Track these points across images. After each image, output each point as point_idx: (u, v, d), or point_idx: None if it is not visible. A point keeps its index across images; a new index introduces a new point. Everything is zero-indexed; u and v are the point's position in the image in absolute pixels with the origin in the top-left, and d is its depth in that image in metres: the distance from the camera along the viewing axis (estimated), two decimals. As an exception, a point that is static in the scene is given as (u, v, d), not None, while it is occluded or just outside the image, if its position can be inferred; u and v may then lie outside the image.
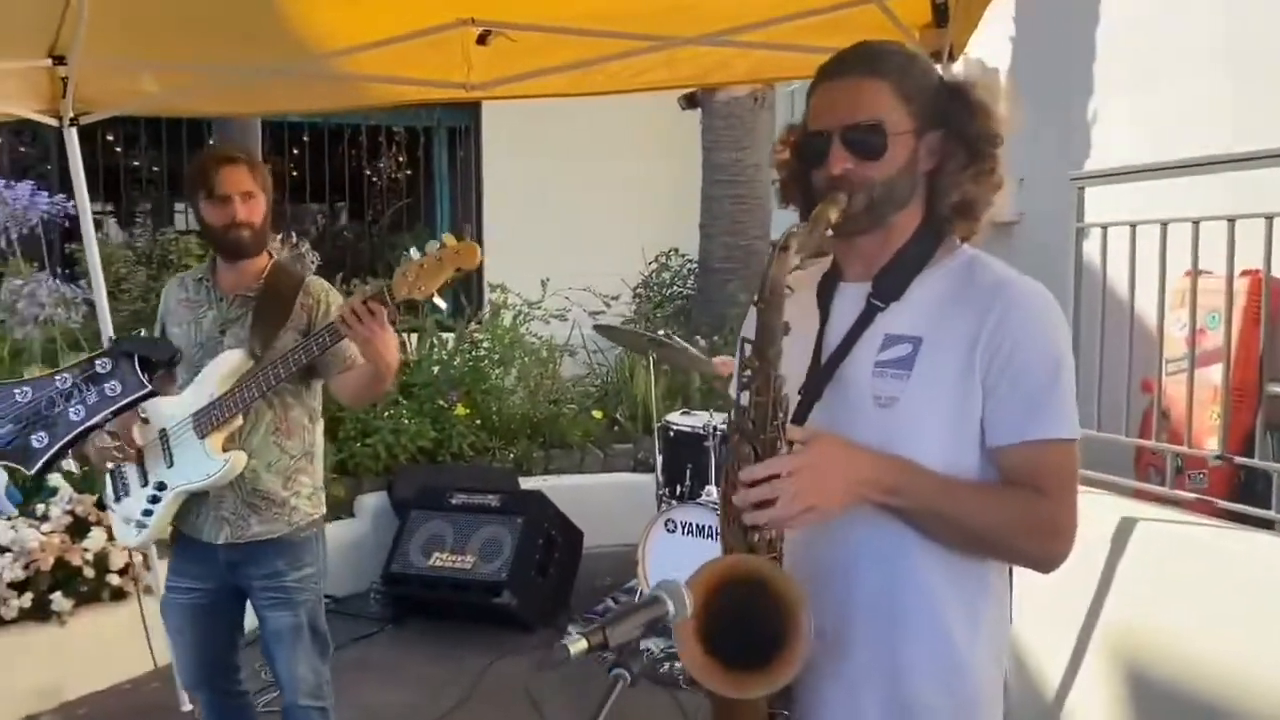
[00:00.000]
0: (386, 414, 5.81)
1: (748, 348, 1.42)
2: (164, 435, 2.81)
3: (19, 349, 5.22)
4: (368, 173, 8.40)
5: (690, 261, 7.79)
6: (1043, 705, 3.51)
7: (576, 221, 7.84)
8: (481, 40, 3.21)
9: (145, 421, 2.86)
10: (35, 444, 1.17)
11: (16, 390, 1.17)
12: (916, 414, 1.47)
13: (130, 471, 2.88)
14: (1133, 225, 3.35)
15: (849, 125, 1.49)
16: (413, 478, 5.59)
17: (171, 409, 2.82)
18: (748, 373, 1.42)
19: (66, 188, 7.48)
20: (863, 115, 1.49)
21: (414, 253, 2.54)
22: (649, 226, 7.81)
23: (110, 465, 2.89)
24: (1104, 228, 3.53)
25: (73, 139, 3.63)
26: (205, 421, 2.72)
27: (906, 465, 1.45)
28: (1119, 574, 3.23)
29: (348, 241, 8.56)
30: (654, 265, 7.90)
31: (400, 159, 8.37)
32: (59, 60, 3.40)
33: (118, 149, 7.99)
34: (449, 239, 2.54)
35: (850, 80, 1.52)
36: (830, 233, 1.49)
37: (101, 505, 4.25)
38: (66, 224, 5.30)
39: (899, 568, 1.49)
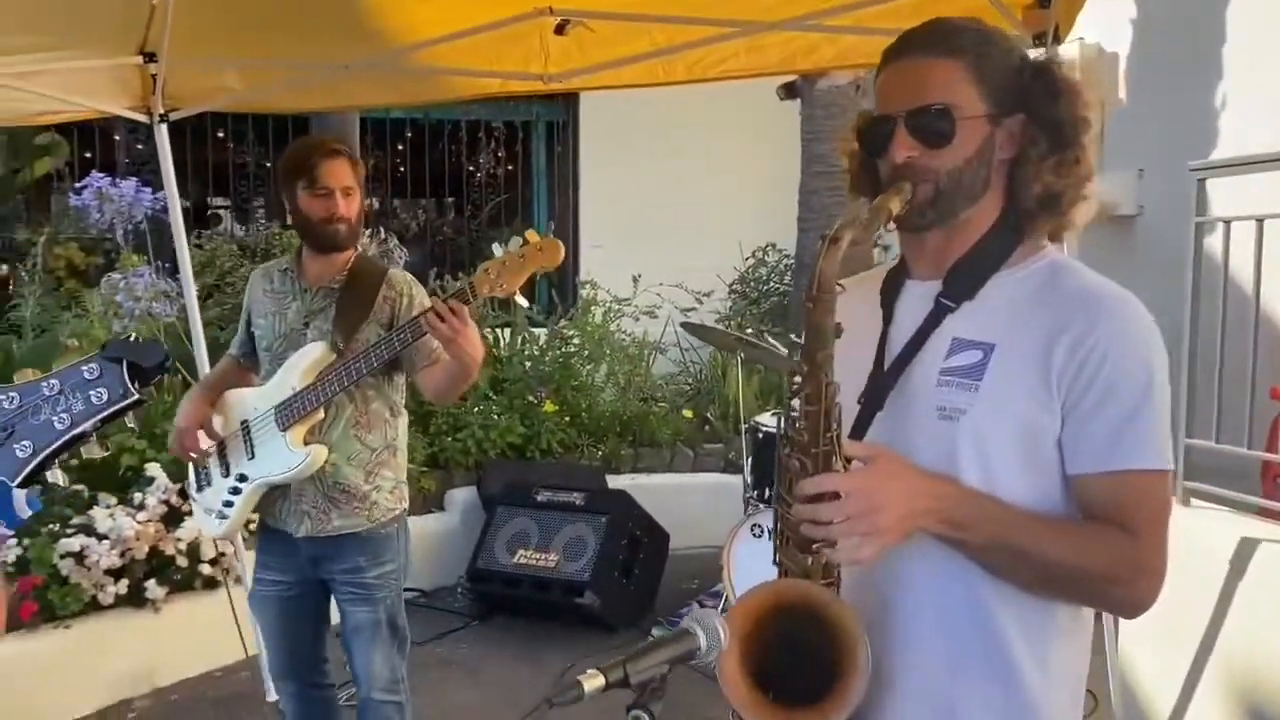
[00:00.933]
0: (476, 409, 5.81)
1: (798, 351, 1.29)
2: (246, 426, 2.83)
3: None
4: (469, 168, 8.45)
5: (787, 257, 7.60)
6: (1151, 733, 3.28)
7: (673, 217, 7.73)
8: (559, 30, 3.13)
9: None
10: (19, 453, 1.12)
11: (4, 397, 1.12)
12: (984, 430, 1.31)
13: (212, 463, 2.92)
14: (1259, 219, 3.07)
15: (914, 109, 1.35)
16: (500, 473, 5.58)
17: (254, 400, 2.85)
18: (797, 379, 1.29)
19: (179, 184, 7.80)
20: (930, 98, 1.34)
21: (498, 250, 2.51)
22: (747, 221, 7.64)
23: (193, 456, 2.93)
24: (1227, 222, 3.26)
25: (163, 135, 3.70)
26: (287, 414, 2.73)
27: (975, 496, 1.30)
28: (1238, 598, 2.98)
29: (447, 237, 8.64)
30: (751, 261, 7.74)
31: (499, 154, 8.39)
32: (149, 58, 3.46)
33: (229, 145, 8.22)
34: (532, 236, 2.51)
35: (917, 60, 1.37)
36: (894, 227, 1.35)
37: (194, 494, 4.35)
38: (150, 220, 5.44)
39: (960, 604, 1.34)
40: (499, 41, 3.25)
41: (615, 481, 5.69)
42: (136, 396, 1.14)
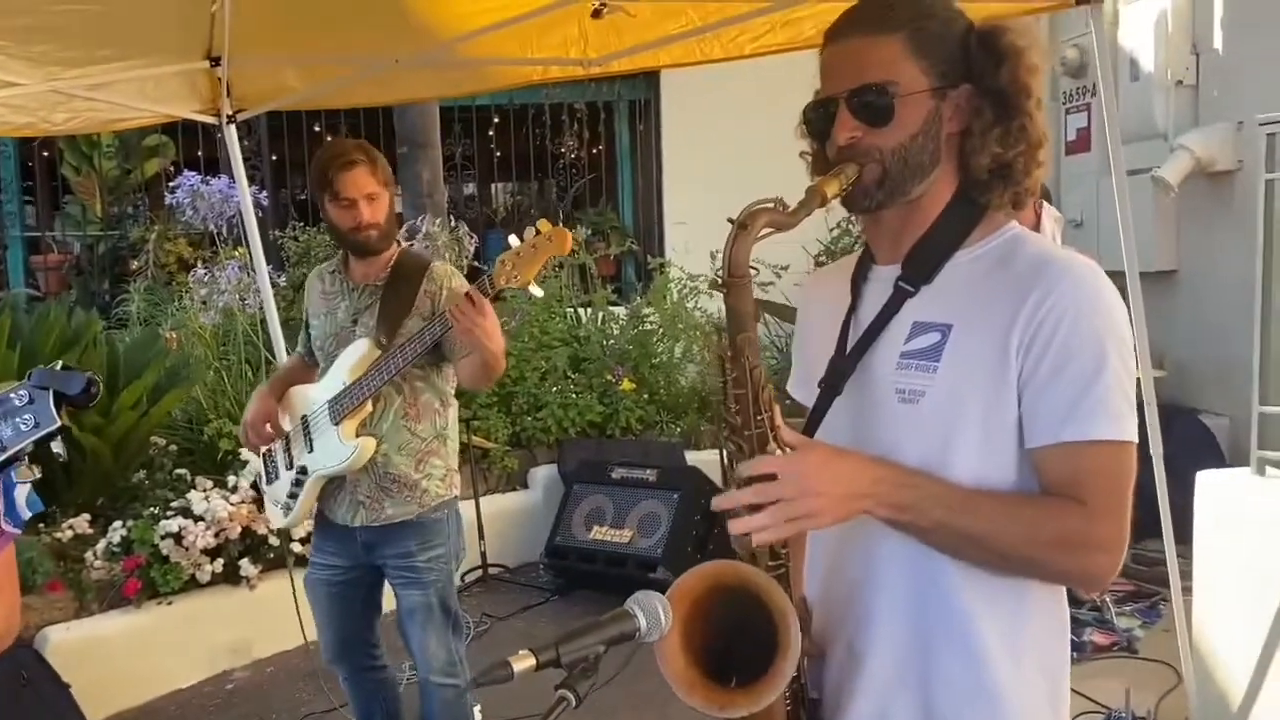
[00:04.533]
0: (555, 389, 5.91)
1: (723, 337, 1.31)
2: (305, 421, 2.96)
3: (225, 330, 5.64)
4: (555, 150, 8.53)
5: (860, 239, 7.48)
6: (1228, 707, 3.16)
7: (757, 191, 7.59)
8: (596, 14, 3.15)
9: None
10: (-45, 479, 1.22)
11: (-62, 422, 1.22)
12: (944, 411, 1.31)
13: (279, 456, 3.06)
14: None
15: (854, 89, 1.34)
16: (579, 451, 5.68)
17: (312, 395, 2.98)
18: (726, 364, 1.30)
19: (273, 180, 8.08)
20: (868, 77, 1.33)
21: (513, 241, 2.56)
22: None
23: (259, 448, 3.08)
24: (1299, 177, 3.09)
25: (232, 135, 3.86)
26: (338, 408, 2.85)
27: (917, 478, 1.29)
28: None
29: (535, 219, 8.74)
30: (835, 231, 7.62)
31: (583, 135, 8.45)
32: (215, 62, 3.61)
33: (328, 138, 8.49)
34: (543, 225, 2.54)
35: (855, 39, 1.36)
36: (842, 206, 1.34)
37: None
38: (260, 215, 5.65)
39: (926, 586, 1.34)
40: (538, 29, 3.30)
41: (694, 457, 5.73)
42: (59, 424, 1.22)
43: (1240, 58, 5.55)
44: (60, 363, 1.23)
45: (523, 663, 1.13)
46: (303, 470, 2.96)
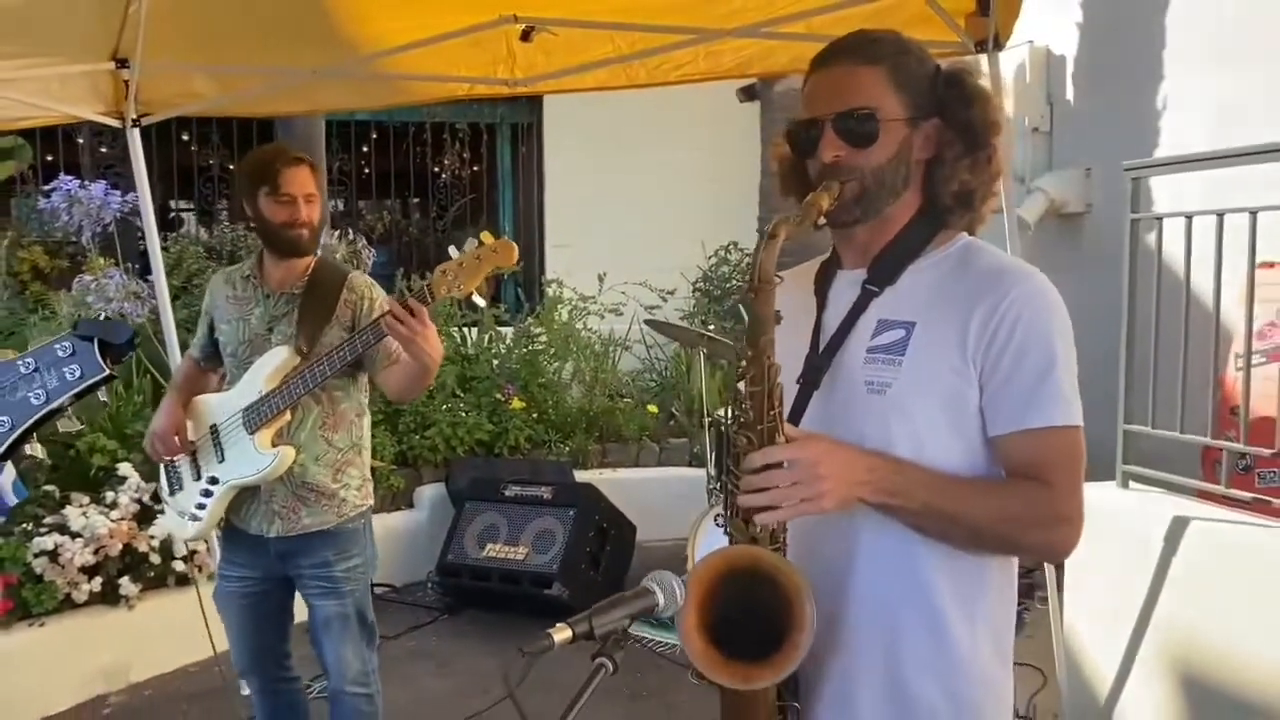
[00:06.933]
0: (445, 407, 5.89)
1: (743, 338, 1.42)
2: (215, 431, 2.90)
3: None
4: (436, 169, 8.51)
5: (749, 255, 7.76)
6: (1096, 705, 3.44)
7: (637, 217, 7.85)
8: (525, 36, 3.24)
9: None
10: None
11: (-18, 374, 1.21)
12: (909, 401, 1.46)
13: (183, 466, 2.98)
14: (1188, 216, 3.24)
15: (841, 113, 1.49)
16: (468, 470, 5.67)
17: (222, 405, 2.91)
18: (742, 363, 1.41)
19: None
20: (855, 102, 1.48)
21: (453, 252, 2.60)
22: (709, 221, 7.78)
23: (166, 459, 3.00)
24: (1159, 219, 3.43)
25: (135, 140, 3.76)
26: (254, 417, 2.80)
27: (903, 466, 1.43)
28: (1172, 574, 3.14)
29: (413, 238, 8.69)
30: (713, 259, 7.88)
31: (464, 155, 8.46)
32: (122, 64, 3.52)
33: (193, 148, 8.22)
34: (487, 237, 2.59)
35: (842, 68, 1.51)
36: (824, 222, 1.48)
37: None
38: (123, 223, 5.48)
39: (896, 562, 1.48)
40: (466, 47, 3.35)
41: (582, 477, 5.80)
42: (108, 372, 1.22)
43: (1089, 108, 6.06)
44: (103, 313, 1.23)
45: (561, 634, 1.21)
46: (213, 480, 2.89)
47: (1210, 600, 3.02)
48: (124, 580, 4.31)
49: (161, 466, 3.04)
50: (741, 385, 1.43)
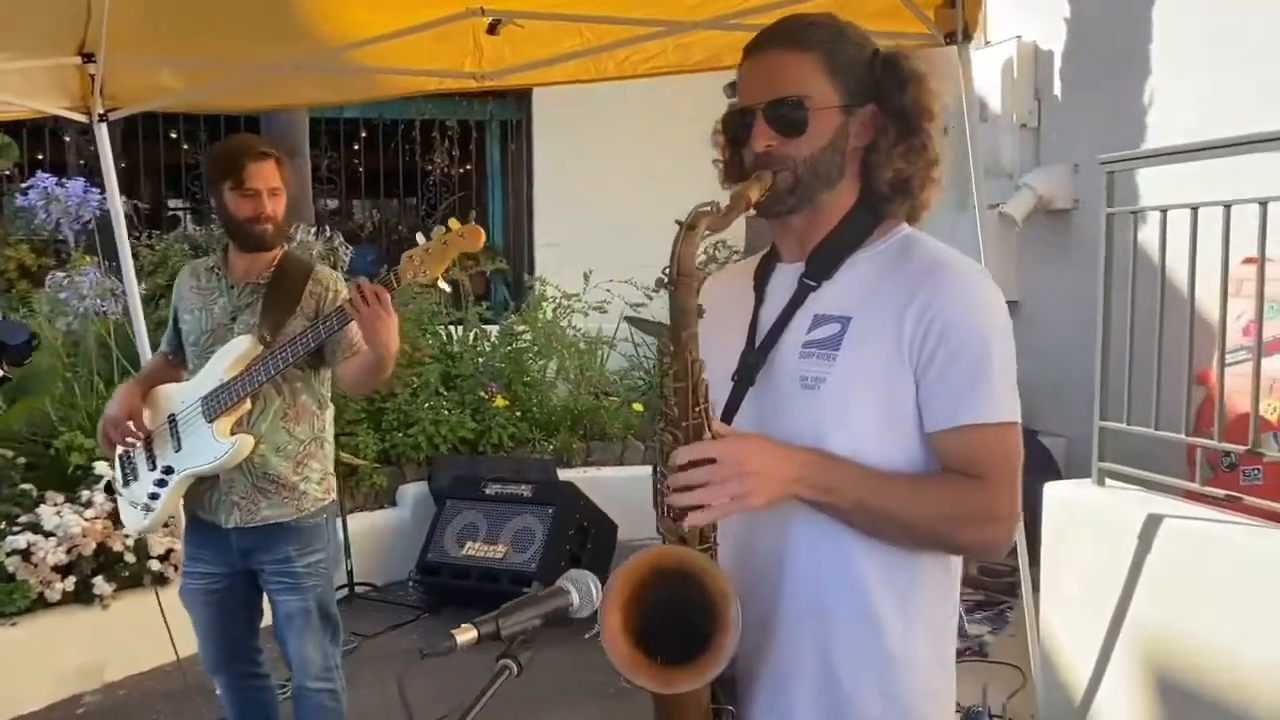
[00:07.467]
0: (428, 405, 5.86)
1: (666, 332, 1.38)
2: (173, 420, 2.88)
3: (76, 340, 5.38)
4: (424, 167, 8.47)
5: (735, 252, 7.71)
6: (1070, 703, 3.40)
7: (625, 214, 7.77)
8: (492, 30, 3.21)
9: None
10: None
11: (-120, 378, 1.18)
12: (844, 397, 1.42)
13: (139, 456, 2.96)
14: (1163, 210, 3.20)
15: (771, 101, 1.44)
16: (450, 468, 5.64)
17: (181, 394, 2.90)
18: (666, 358, 1.38)
19: (129, 185, 7.76)
20: (785, 90, 1.44)
21: (420, 238, 2.58)
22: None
23: (120, 450, 2.97)
24: (1135, 213, 3.39)
25: (103, 135, 3.73)
26: (213, 405, 2.78)
27: (836, 462, 1.40)
28: (1147, 572, 3.11)
29: (402, 235, 8.66)
30: (702, 258, 7.83)
31: (453, 153, 8.42)
32: (88, 58, 3.49)
33: (184, 146, 8.21)
34: (454, 223, 2.59)
35: (774, 54, 1.47)
36: (753, 212, 1.44)
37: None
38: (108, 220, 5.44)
39: (829, 560, 1.44)
40: (433, 41, 3.32)
41: (566, 475, 5.75)
42: (3, 374, 1.20)
43: (1076, 104, 6.01)
44: (1, 313, 1.20)
45: (465, 635, 1.18)
46: (168, 469, 2.87)
47: (1184, 598, 2.99)
48: (98, 579, 4.28)
49: (116, 457, 3.01)
50: (666, 380, 1.39)
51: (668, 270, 1.35)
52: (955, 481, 1.40)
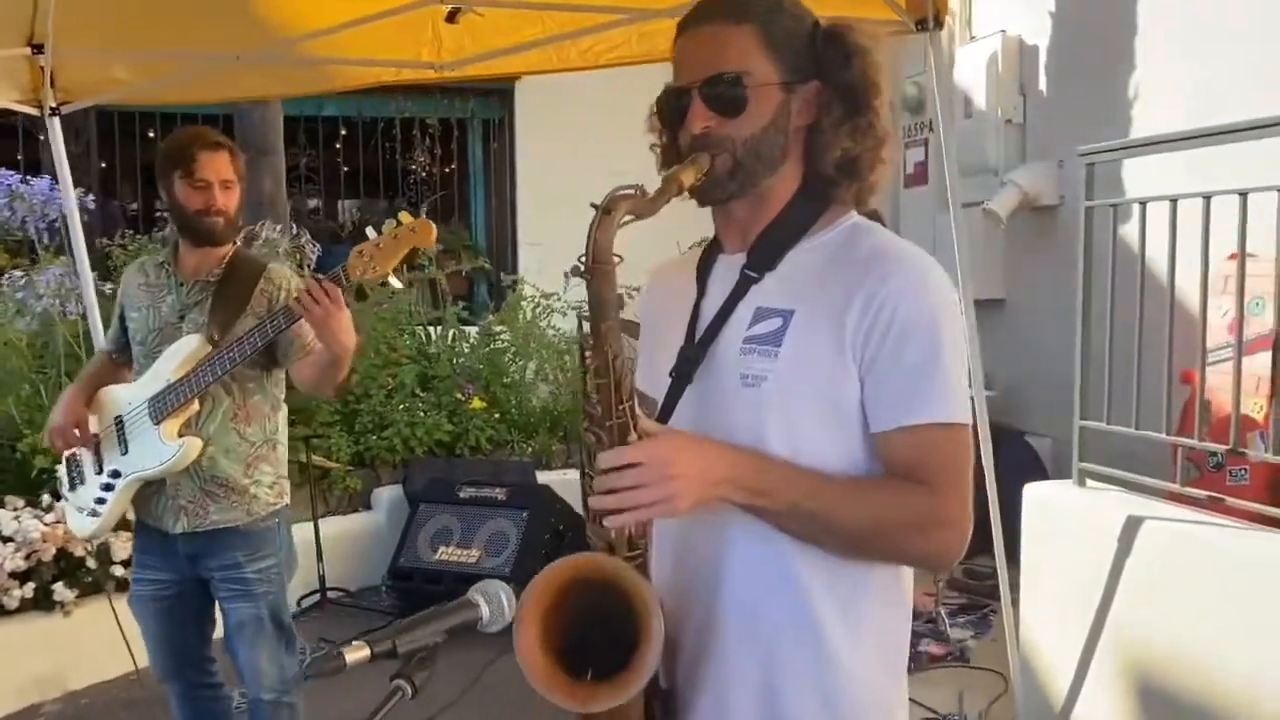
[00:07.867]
0: (403, 406, 5.76)
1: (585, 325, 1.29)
2: (119, 422, 2.78)
3: (43, 340, 5.27)
4: (406, 165, 8.37)
5: (723, 252, 7.64)
6: (1051, 707, 3.31)
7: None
8: (451, 18, 3.12)
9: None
10: None
11: None
12: (785, 395, 1.32)
13: (85, 460, 2.87)
14: (1142, 202, 3.11)
15: (708, 79, 1.35)
16: (426, 471, 5.55)
17: (128, 395, 2.80)
18: (588, 354, 1.28)
19: (103, 183, 7.66)
20: (722, 66, 1.34)
21: (371, 233, 2.50)
22: (684, 218, 7.61)
23: (66, 453, 2.88)
24: (1113, 206, 3.30)
25: (55, 128, 3.63)
26: (160, 407, 2.69)
27: (770, 464, 1.30)
28: (1128, 575, 3.02)
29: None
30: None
31: (435, 151, 8.31)
32: (38, 49, 3.39)
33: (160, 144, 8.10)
34: (405, 217, 2.51)
35: (709, 29, 1.37)
36: (687, 196, 1.35)
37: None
38: (84, 220, 5.33)
39: (769, 565, 1.35)
40: (390, 30, 3.23)
41: (545, 477, 5.66)
42: None
43: (1062, 100, 5.92)
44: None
45: (356, 654, 1.08)
46: (115, 473, 2.78)
47: (1166, 601, 2.90)
48: (58, 586, 4.18)
49: (63, 461, 2.91)
50: (588, 378, 1.30)
51: (582, 259, 1.25)
52: (900, 486, 1.31)
